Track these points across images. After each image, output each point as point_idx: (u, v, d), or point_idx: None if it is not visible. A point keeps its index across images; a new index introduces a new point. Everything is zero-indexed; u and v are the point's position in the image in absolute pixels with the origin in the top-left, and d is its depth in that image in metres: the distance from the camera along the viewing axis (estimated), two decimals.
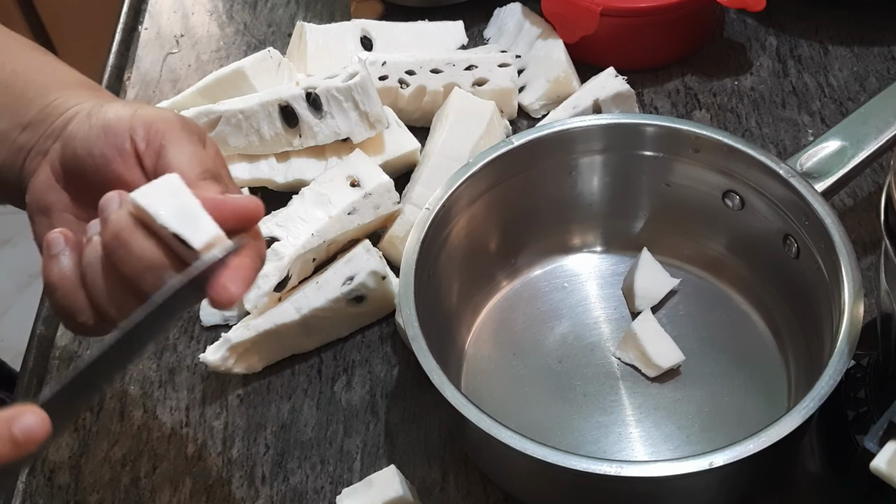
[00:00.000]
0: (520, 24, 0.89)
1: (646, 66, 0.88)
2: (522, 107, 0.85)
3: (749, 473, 0.58)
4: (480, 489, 0.65)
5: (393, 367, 0.72)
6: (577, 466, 0.53)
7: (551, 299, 0.73)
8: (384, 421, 0.69)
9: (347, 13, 0.96)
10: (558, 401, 0.67)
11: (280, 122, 0.76)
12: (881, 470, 0.50)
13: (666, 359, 0.67)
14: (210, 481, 0.67)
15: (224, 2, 1.01)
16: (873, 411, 0.59)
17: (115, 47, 0.97)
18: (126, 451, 0.69)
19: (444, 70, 0.82)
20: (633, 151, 0.70)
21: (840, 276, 0.59)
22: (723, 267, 0.72)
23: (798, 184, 0.64)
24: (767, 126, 0.83)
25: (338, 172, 0.74)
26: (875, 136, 0.68)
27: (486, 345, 0.71)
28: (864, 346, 0.57)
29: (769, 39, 0.90)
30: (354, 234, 0.73)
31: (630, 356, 0.68)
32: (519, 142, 0.69)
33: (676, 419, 0.66)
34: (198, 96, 0.82)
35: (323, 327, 0.72)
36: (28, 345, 0.75)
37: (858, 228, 0.74)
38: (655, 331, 0.68)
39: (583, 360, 0.69)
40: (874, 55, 0.88)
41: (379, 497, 0.61)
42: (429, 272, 0.65)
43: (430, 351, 0.59)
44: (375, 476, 0.62)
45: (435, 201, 0.66)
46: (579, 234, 0.74)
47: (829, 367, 0.56)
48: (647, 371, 0.68)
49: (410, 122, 0.84)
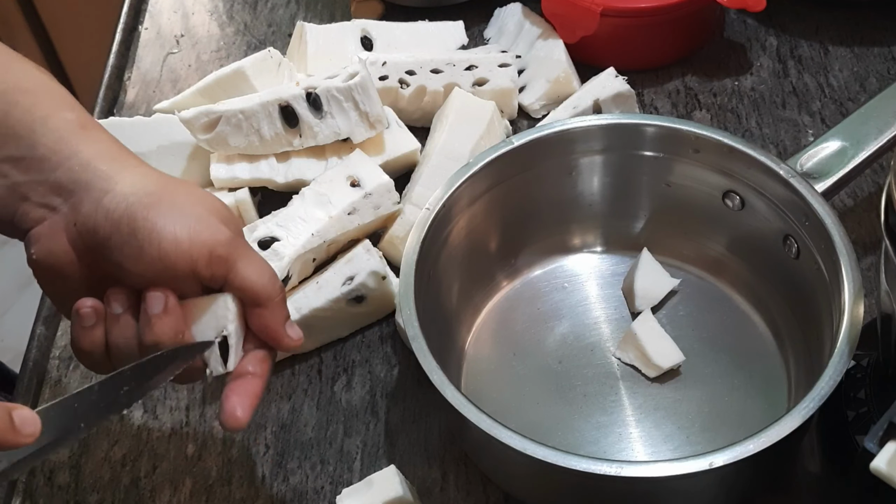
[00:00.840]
0: (520, 25, 0.89)
1: (646, 67, 0.88)
2: (523, 107, 0.85)
3: (749, 473, 0.58)
4: (480, 489, 0.65)
5: (393, 367, 0.72)
6: (577, 466, 0.53)
7: (551, 299, 0.73)
8: (384, 421, 0.69)
9: (348, 13, 0.96)
10: (558, 401, 0.67)
11: (280, 122, 0.76)
12: (881, 470, 0.50)
13: (666, 359, 0.67)
14: (210, 481, 0.67)
15: (224, 2, 1.01)
16: (873, 412, 0.59)
17: (115, 47, 0.97)
18: (126, 450, 0.69)
19: (444, 70, 0.82)
20: (633, 151, 0.70)
21: (840, 277, 0.59)
22: (723, 267, 0.72)
23: (798, 184, 0.64)
24: (768, 126, 0.83)
25: (338, 172, 0.74)
26: (875, 136, 0.68)
27: (486, 345, 0.71)
28: (864, 346, 0.57)
29: (769, 40, 0.90)
30: (354, 234, 0.73)
31: (630, 356, 0.68)
32: (519, 142, 0.69)
33: (676, 419, 0.66)
34: (198, 96, 0.82)
35: (323, 327, 0.72)
36: (28, 345, 0.75)
37: (858, 229, 0.74)
38: (655, 331, 0.68)
39: (583, 361, 0.69)
40: (874, 55, 0.88)
41: (379, 497, 0.61)
42: (429, 272, 0.65)
43: (430, 351, 0.59)
44: (375, 476, 0.62)
45: (435, 201, 0.66)
46: (579, 234, 0.74)
47: (829, 368, 0.56)
48: (646, 371, 0.68)
49: (410, 122, 0.84)
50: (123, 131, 0.78)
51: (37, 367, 0.74)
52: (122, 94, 0.93)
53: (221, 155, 0.78)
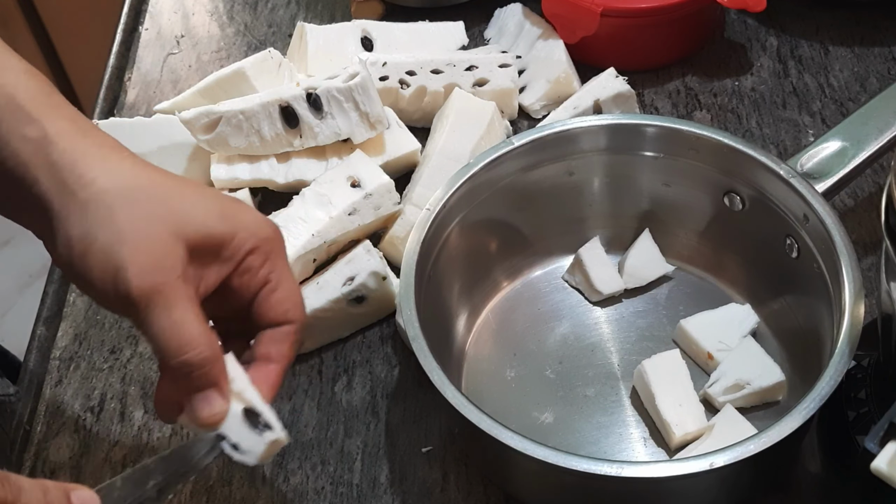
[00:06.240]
0: (520, 25, 0.89)
1: (646, 67, 0.88)
2: (523, 107, 0.85)
3: (750, 474, 0.58)
4: (480, 489, 0.65)
5: (393, 367, 0.72)
6: (578, 467, 0.53)
7: (551, 300, 0.73)
8: (384, 421, 0.69)
9: (348, 13, 0.96)
10: (559, 401, 0.67)
11: (280, 123, 0.76)
12: (881, 470, 0.49)
13: (607, 286, 0.71)
14: (210, 482, 0.67)
15: (225, 2, 1.01)
16: (874, 412, 0.59)
17: (115, 48, 0.97)
18: (127, 451, 0.69)
19: (444, 70, 0.82)
20: (633, 152, 0.70)
21: (840, 277, 0.60)
22: (723, 267, 0.72)
23: (798, 184, 0.64)
24: (768, 126, 0.83)
25: (338, 173, 0.74)
26: (875, 136, 0.67)
27: (487, 345, 0.71)
28: (864, 346, 0.57)
29: (770, 40, 0.90)
30: (355, 234, 0.73)
31: (576, 280, 0.72)
32: (519, 142, 0.69)
33: None
34: (198, 97, 0.82)
35: (323, 328, 0.72)
36: (28, 345, 0.75)
37: (859, 229, 0.74)
38: (601, 258, 0.71)
39: (583, 361, 0.69)
40: (875, 55, 0.88)
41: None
42: (429, 272, 0.65)
43: (430, 351, 0.59)
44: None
45: (435, 202, 0.66)
46: (579, 234, 0.74)
47: (830, 368, 0.56)
48: (589, 296, 0.71)
49: (411, 122, 0.84)
50: (123, 132, 0.78)
51: (37, 368, 0.74)
52: (122, 95, 0.93)
53: (222, 155, 0.78)
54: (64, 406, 0.71)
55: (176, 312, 0.51)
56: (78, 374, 0.73)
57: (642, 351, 0.69)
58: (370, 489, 0.65)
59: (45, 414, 0.71)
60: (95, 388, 0.72)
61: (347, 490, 0.65)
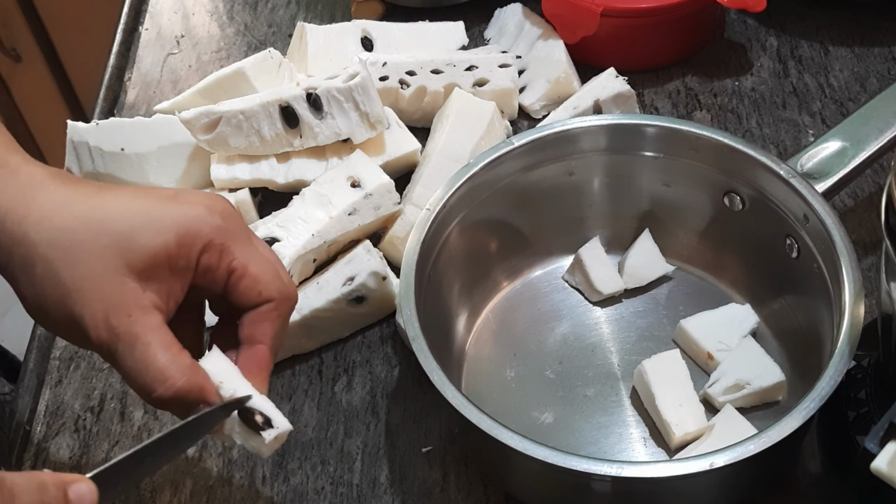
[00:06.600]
0: (520, 25, 0.89)
1: (646, 67, 0.88)
2: (523, 107, 0.85)
3: (750, 474, 0.58)
4: (481, 489, 0.65)
5: (393, 367, 0.72)
6: (578, 467, 0.53)
7: (551, 300, 0.73)
8: (384, 421, 0.69)
9: (348, 14, 0.96)
10: (559, 401, 0.67)
11: (280, 123, 0.76)
12: (882, 471, 0.49)
13: (607, 286, 0.70)
14: (210, 482, 0.67)
15: (225, 2, 1.01)
16: (874, 412, 0.59)
17: (115, 48, 0.97)
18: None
19: (444, 70, 0.82)
20: (633, 152, 0.70)
21: (840, 277, 0.60)
22: (722, 267, 0.72)
23: (799, 184, 0.64)
24: (768, 126, 0.83)
25: (338, 173, 0.74)
26: (876, 136, 0.68)
27: (487, 345, 0.71)
28: (864, 346, 0.57)
29: (770, 40, 0.90)
30: (355, 234, 0.73)
31: (576, 279, 0.72)
32: (519, 142, 0.69)
33: None
34: (198, 97, 0.82)
35: (323, 328, 0.72)
36: (28, 345, 0.75)
37: (859, 229, 0.74)
38: (601, 259, 0.72)
39: (583, 361, 0.69)
40: (875, 56, 0.88)
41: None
42: (429, 272, 0.65)
43: (430, 351, 0.59)
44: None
45: (435, 202, 0.66)
46: (580, 234, 0.74)
47: (830, 368, 0.56)
48: (589, 296, 0.71)
49: (411, 122, 0.84)
50: (123, 132, 0.78)
51: (37, 368, 0.74)
52: (122, 95, 0.93)
53: (222, 155, 0.78)
54: (64, 406, 0.72)
55: (137, 351, 0.51)
56: (78, 373, 0.73)
57: (642, 351, 0.69)
58: (370, 489, 0.65)
59: (45, 414, 0.71)
60: (95, 387, 0.72)
61: (347, 490, 0.65)
